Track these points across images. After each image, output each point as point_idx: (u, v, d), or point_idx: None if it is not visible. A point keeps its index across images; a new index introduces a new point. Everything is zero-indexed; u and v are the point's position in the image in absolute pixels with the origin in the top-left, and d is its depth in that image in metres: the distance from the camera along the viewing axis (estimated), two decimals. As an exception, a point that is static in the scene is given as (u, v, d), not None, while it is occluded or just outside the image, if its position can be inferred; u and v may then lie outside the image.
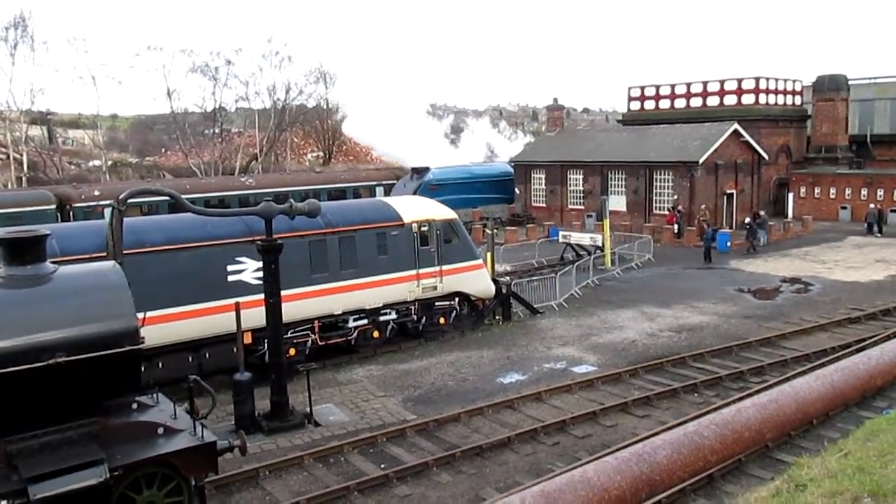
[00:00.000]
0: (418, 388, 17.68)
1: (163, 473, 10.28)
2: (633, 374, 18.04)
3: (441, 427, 15.08)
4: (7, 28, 49.86)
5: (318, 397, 16.52)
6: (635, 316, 24.01)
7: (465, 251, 22.09)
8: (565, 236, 35.11)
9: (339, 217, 19.63)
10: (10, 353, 9.19)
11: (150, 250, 16.49)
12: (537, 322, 23.68)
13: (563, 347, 20.75)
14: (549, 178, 48.55)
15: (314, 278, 18.88)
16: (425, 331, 21.66)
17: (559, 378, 18.03)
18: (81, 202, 32.80)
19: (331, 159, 77.06)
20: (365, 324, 20.07)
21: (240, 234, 17.66)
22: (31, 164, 53.50)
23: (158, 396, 11.45)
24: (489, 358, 19.89)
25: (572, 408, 15.93)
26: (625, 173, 44.02)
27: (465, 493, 12.33)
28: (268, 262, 15.19)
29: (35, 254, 10.11)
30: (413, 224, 20.87)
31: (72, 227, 20.67)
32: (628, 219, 42.19)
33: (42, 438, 9.67)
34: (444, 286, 21.45)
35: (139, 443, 10.31)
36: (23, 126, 53.88)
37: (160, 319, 15.59)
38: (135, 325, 10.17)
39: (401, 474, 12.86)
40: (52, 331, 9.58)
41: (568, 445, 14.09)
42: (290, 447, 14.32)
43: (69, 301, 9.99)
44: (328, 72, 73.65)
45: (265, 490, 12.52)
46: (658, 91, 52.68)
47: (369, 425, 15.35)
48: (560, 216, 47.02)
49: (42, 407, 9.63)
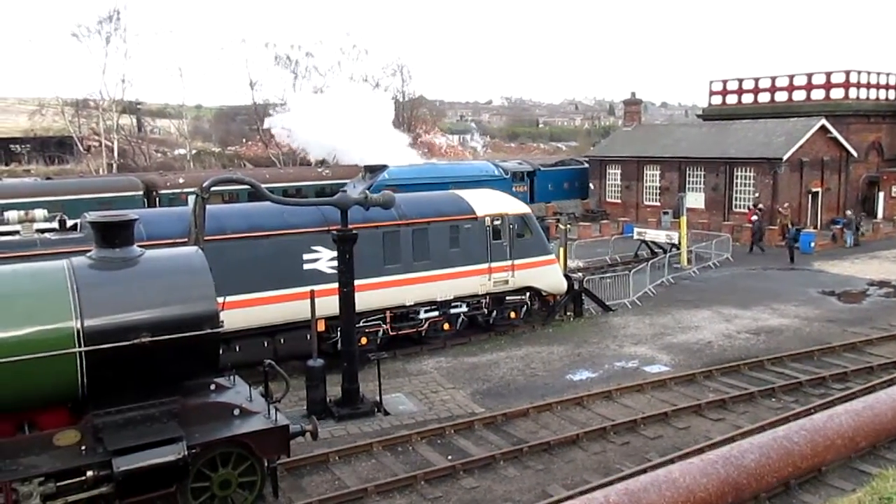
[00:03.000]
0: (487, 382, 17.69)
1: (237, 453, 10.61)
2: (708, 376, 17.59)
3: (509, 421, 15.05)
4: (101, 21, 52.15)
5: (388, 387, 16.73)
6: (711, 316, 23.40)
7: (537, 246, 21.96)
8: (640, 233, 34.46)
9: (412, 209, 19.79)
10: (100, 331, 9.65)
11: (230, 237, 16.99)
12: (609, 319, 23.35)
13: (635, 346, 20.41)
14: (624, 173, 47.75)
15: (387, 269, 19.10)
16: (496, 324, 21.65)
17: (631, 377, 17.74)
18: (167, 189, 34.03)
19: (406, 151, 77.62)
20: (436, 316, 20.20)
21: (316, 224, 18.01)
22: (121, 151, 55.84)
23: (235, 379, 11.82)
24: (559, 354, 19.74)
25: (643, 408, 15.66)
26: (704, 170, 42.89)
27: (531, 488, 12.28)
28: (342, 251, 15.44)
29: (124, 237, 10.57)
30: (486, 217, 20.86)
31: (157, 212, 21.48)
32: (706, 216, 41.13)
33: (126, 414, 10.10)
34: (516, 280, 21.37)
35: (216, 423, 10.66)
36: (114, 115, 56.22)
37: (238, 304, 16.04)
38: (215, 308, 10.50)
39: (467, 466, 12.90)
40: (138, 311, 10.00)
41: (638, 446, 13.86)
42: (359, 434, 14.55)
43: (155, 284, 10.39)
44: (405, 65, 74.14)
45: (334, 475, 12.76)
46: (741, 85, 51.01)
47: (437, 416, 15.46)
48: (635, 212, 46.18)
49: (127, 384, 10.07)
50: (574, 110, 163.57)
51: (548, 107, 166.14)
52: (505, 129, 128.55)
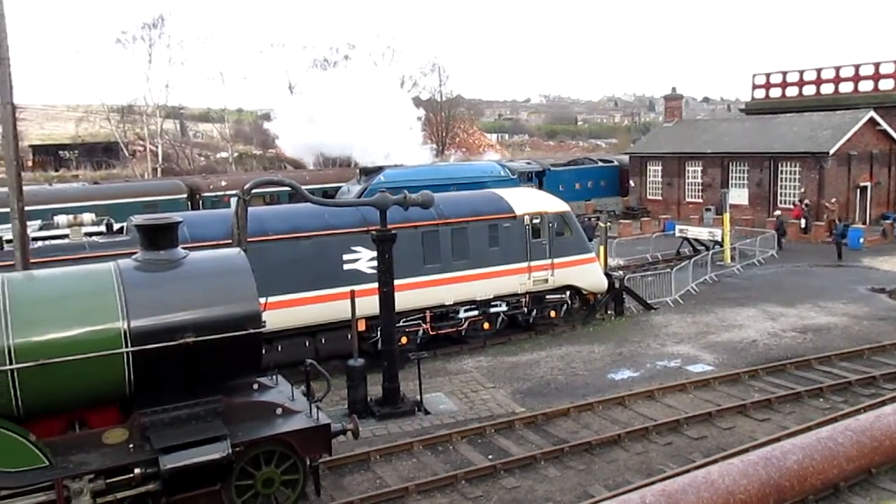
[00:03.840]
0: (527, 381, 17.63)
1: (280, 452, 10.74)
2: (753, 376, 17.28)
3: (550, 421, 14.98)
4: (145, 28, 53.26)
5: (429, 386, 16.78)
6: (756, 315, 22.97)
7: (577, 244, 21.81)
8: (682, 230, 33.99)
9: (451, 208, 19.82)
10: (145, 332, 9.85)
11: (271, 238, 17.22)
12: (651, 318, 23.08)
13: (677, 345, 20.14)
14: (665, 170, 47.13)
15: (426, 269, 19.16)
16: (536, 324, 21.57)
17: (673, 376, 17.51)
18: (209, 192, 34.63)
19: (444, 151, 77.80)
20: (476, 315, 20.20)
21: (356, 225, 18.16)
22: (165, 155, 56.96)
23: (277, 378, 11.96)
24: (600, 353, 19.58)
25: (686, 407, 15.44)
26: (747, 165, 42.13)
27: (572, 488, 12.20)
28: (382, 251, 15.52)
29: (169, 239, 10.77)
30: (525, 216, 20.79)
31: (201, 214, 21.85)
32: (750, 213, 40.40)
33: (172, 413, 10.29)
34: (556, 279, 21.26)
35: (259, 421, 10.80)
36: (158, 120, 57.39)
37: (280, 305, 16.24)
38: (258, 309, 10.65)
39: (508, 466, 12.87)
40: (182, 312, 10.18)
41: (681, 446, 13.68)
42: (400, 433, 14.62)
43: (198, 285, 10.58)
44: (441, 65, 74.26)
45: (376, 474, 12.84)
46: (785, 78, 49.98)
47: (478, 416, 15.45)
48: (677, 209, 45.56)
49: (173, 383, 10.26)
50: (613, 107, 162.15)
51: (586, 104, 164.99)
52: (543, 127, 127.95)
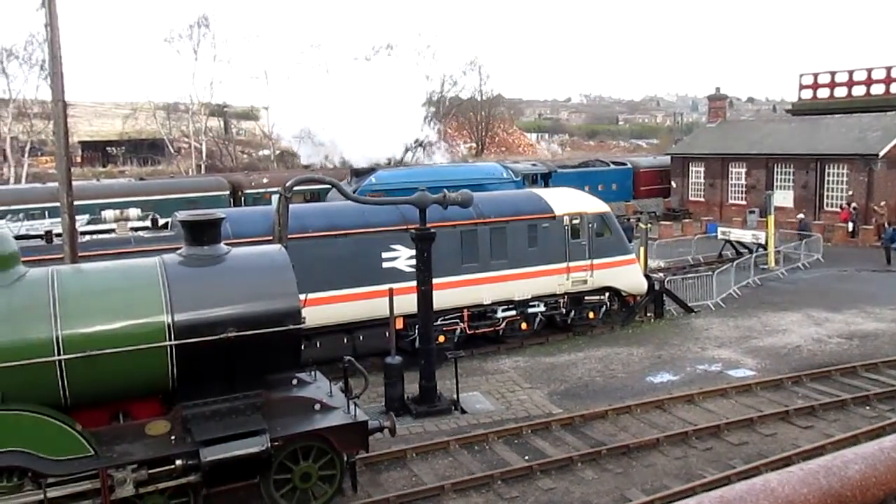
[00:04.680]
0: (565, 382, 17.52)
1: (318, 447, 10.83)
2: (797, 382, 16.92)
3: (587, 423, 14.86)
4: (191, 27, 54.16)
5: (465, 385, 16.77)
6: (800, 319, 22.50)
7: (617, 245, 21.61)
8: (725, 232, 33.44)
9: (490, 208, 19.79)
10: (188, 326, 10.01)
11: (311, 235, 17.38)
12: (691, 321, 22.76)
13: (718, 349, 19.82)
14: (708, 171, 46.43)
15: (465, 268, 19.16)
16: (574, 324, 21.42)
17: (714, 381, 17.24)
18: (251, 189, 35.10)
19: (483, 150, 77.76)
20: (513, 315, 20.13)
21: (395, 223, 18.23)
22: (209, 152, 57.89)
23: (316, 374, 12.06)
24: (639, 356, 19.36)
25: (727, 413, 15.19)
26: (793, 167, 41.30)
27: (609, 491, 12.09)
28: (421, 250, 15.56)
29: (212, 235, 10.93)
30: (564, 216, 20.66)
31: (243, 211, 22.17)
32: (795, 216, 39.57)
33: (213, 406, 10.42)
34: (595, 280, 21.09)
35: (297, 417, 10.90)
36: (202, 118, 58.33)
37: (319, 301, 16.38)
38: (298, 305, 10.75)
39: (545, 467, 12.80)
40: (224, 307, 10.32)
41: (721, 452, 13.46)
42: (436, 432, 14.64)
43: (240, 280, 10.71)
44: (481, 64, 74.22)
45: (412, 471, 12.88)
46: (833, 78, 48.81)
47: (514, 416, 15.40)
48: (719, 211, 44.86)
49: (214, 377, 10.41)
50: (655, 107, 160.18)
51: (628, 104, 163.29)
52: (584, 127, 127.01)
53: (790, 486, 2.57)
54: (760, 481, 2.47)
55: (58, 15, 12.85)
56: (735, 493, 2.16)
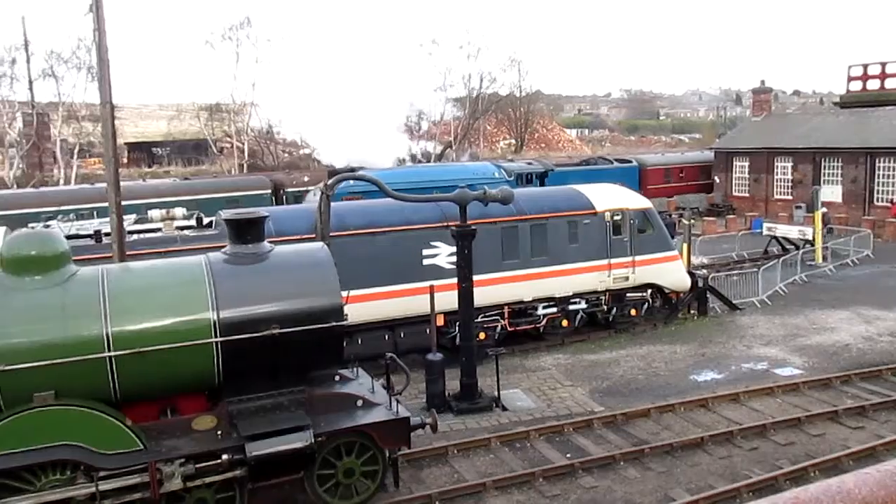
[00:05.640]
0: (606, 380, 17.37)
1: (361, 443, 10.91)
2: (846, 381, 16.53)
3: (629, 421, 14.72)
4: (233, 28, 54.89)
5: (506, 382, 16.75)
6: (849, 317, 21.96)
7: (659, 242, 21.35)
8: (770, 228, 32.77)
9: (531, 204, 19.70)
10: (233, 323, 10.18)
11: (353, 233, 17.51)
12: (736, 319, 22.38)
13: (764, 347, 19.46)
14: (752, 165, 45.55)
15: (505, 265, 19.11)
16: (616, 322, 21.23)
17: (759, 379, 16.94)
18: (293, 187, 35.50)
19: (523, 147, 77.45)
20: (554, 312, 20.03)
21: (435, 220, 18.28)
22: (251, 152, 58.63)
23: (358, 371, 12.16)
24: (682, 353, 19.11)
25: (773, 412, 14.91)
26: (842, 161, 40.29)
27: (653, 491, 11.96)
28: (461, 247, 15.57)
29: (256, 233, 11.09)
30: (606, 213, 20.48)
31: (285, 209, 22.43)
32: (844, 211, 38.63)
33: (258, 402, 10.58)
34: (637, 277, 20.86)
35: (340, 412, 11.00)
36: (244, 118, 59.10)
37: (361, 299, 16.46)
38: (340, 302, 10.84)
39: (586, 465, 12.72)
40: (268, 304, 10.47)
41: (767, 452, 13.21)
42: (477, 429, 14.64)
43: (283, 278, 10.85)
44: (521, 61, 73.91)
45: (453, 468, 12.90)
46: (884, 69, 47.32)
47: (556, 414, 15.33)
48: (764, 207, 43.96)
49: (258, 373, 10.57)
50: (698, 101, 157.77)
51: (669, 98, 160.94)
52: (624, 122, 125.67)
53: (867, 487, 2.49)
54: (836, 482, 2.41)
55: (105, 19, 13.15)
56: (810, 495, 2.11)
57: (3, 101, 49.29)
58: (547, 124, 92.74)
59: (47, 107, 51.63)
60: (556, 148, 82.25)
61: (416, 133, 60.13)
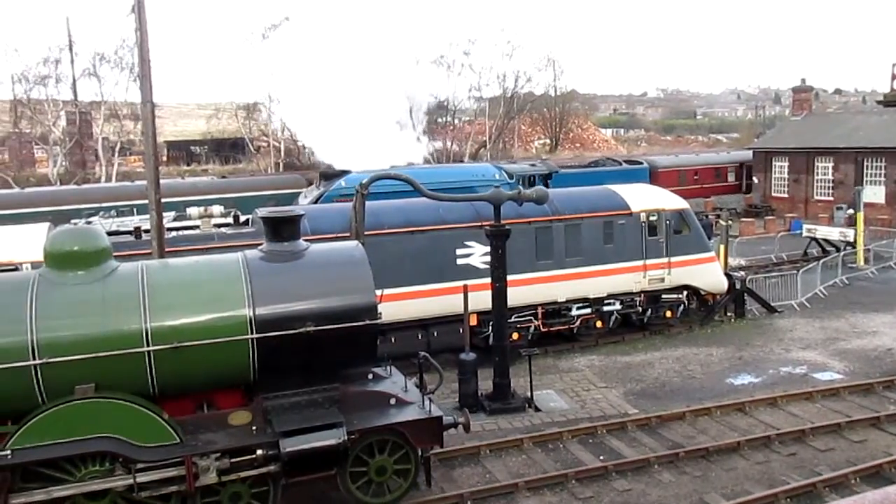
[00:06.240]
0: (641, 382, 17.20)
1: (393, 441, 10.94)
2: (888, 387, 16.15)
3: (664, 424, 14.56)
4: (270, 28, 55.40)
5: (539, 383, 16.67)
6: (892, 321, 21.45)
7: (696, 243, 21.08)
8: (810, 230, 32.19)
9: (565, 204, 19.59)
10: (269, 320, 10.27)
11: (387, 232, 17.57)
12: (774, 322, 22.00)
13: (803, 351, 19.10)
14: (792, 166, 44.77)
15: (539, 265, 19.04)
16: (650, 323, 21.02)
17: (798, 384, 16.63)
18: (335, 187, 35.66)
19: (557, 146, 77.05)
20: (588, 313, 19.89)
21: (469, 220, 18.27)
22: (287, 151, 59.20)
23: (391, 369, 12.19)
24: (719, 356, 18.84)
25: (812, 417, 14.62)
26: (885, 161, 39.41)
27: (688, 495, 11.81)
28: (495, 247, 15.53)
29: (292, 232, 11.18)
30: (641, 213, 20.28)
31: (320, 208, 22.57)
32: (887, 212, 37.82)
33: (292, 398, 10.66)
34: (672, 278, 20.63)
35: (373, 410, 11.03)
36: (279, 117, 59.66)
37: (395, 297, 16.49)
38: (374, 301, 10.88)
39: (620, 468, 12.61)
40: (303, 302, 10.54)
41: (806, 458, 12.96)
42: (510, 429, 14.60)
43: (318, 276, 10.92)
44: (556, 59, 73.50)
45: (485, 468, 12.88)
46: (930, 67, 46.38)
47: (589, 415, 15.22)
48: (804, 208, 43.19)
49: (293, 370, 10.64)
50: (736, 100, 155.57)
51: (706, 97, 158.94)
52: (660, 121, 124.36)
53: None
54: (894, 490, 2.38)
55: (146, 19, 13.36)
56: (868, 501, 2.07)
57: (48, 100, 50.43)
58: (582, 124, 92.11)
59: (90, 106, 52.69)
60: (592, 148, 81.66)
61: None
